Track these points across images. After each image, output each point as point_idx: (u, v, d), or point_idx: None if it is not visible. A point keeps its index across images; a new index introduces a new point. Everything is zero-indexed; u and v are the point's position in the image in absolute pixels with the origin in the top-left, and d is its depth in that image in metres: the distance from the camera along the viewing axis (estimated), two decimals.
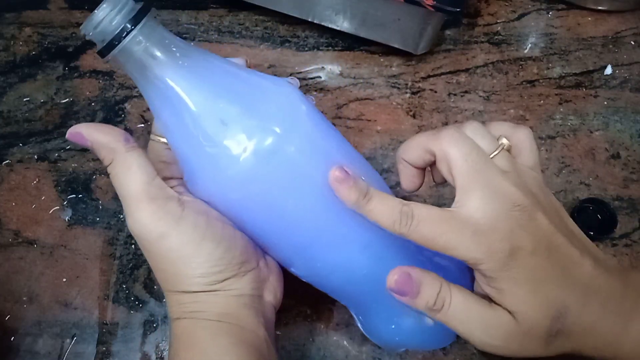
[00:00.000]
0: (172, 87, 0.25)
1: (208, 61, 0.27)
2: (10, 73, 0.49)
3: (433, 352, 0.37)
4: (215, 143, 0.25)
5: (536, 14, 0.52)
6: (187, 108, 0.25)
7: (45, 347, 0.38)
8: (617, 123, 0.46)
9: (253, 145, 0.25)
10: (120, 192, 0.27)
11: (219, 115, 0.25)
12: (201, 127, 0.25)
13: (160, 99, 0.26)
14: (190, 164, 0.27)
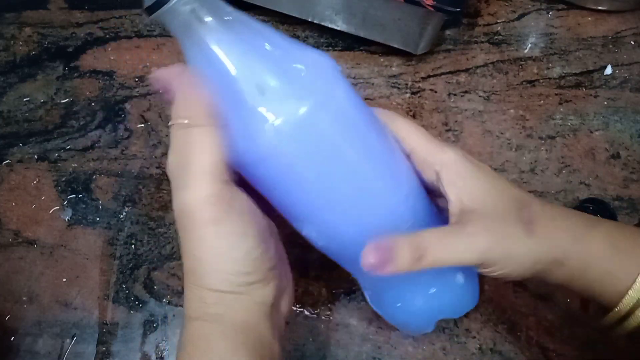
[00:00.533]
0: (215, 51, 0.25)
1: (251, 27, 0.27)
2: (10, 73, 0.49)
3: (433, 351, 0.37)
4: (252, 108, 0.25)
5: (536, 14, 0.52)
6: (227, 73, 0.25)
7: (45, 347, 0.38)
8: (617, 123, 0.46)
9: (287, 112, 0.25)
10: (184, 162, 0.26)
11: (256, 81, 0.25)
12: (238, 92, 0.25)
13: (202, 61, 0.26)
14: (228, 129, 0.26)
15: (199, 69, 0.26)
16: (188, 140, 0.26)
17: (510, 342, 0.38)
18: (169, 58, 0.49)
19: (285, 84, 0.25)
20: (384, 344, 0.38)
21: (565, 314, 0.39)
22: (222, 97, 0.26)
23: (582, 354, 0.37)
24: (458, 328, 0.38)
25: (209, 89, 0.26)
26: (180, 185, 0.26)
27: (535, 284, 0.39)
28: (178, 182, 0.26)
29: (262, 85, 0.25)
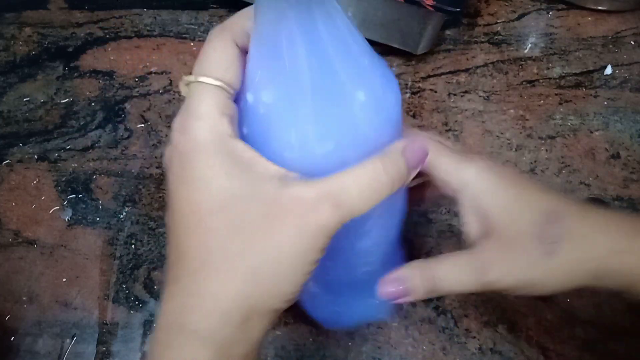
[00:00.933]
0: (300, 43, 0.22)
1: (345, 42, 0.23)
2: (10, 73, 0.49)
3: (433, 351, 0.37)
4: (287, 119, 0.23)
5: (536, 14, 0.52)
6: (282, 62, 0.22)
7: (45, 347, 0.38)
8: (617, 123, 0.46)
9: (306, 145, 0.23)
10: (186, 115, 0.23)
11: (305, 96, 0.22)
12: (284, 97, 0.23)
13: (283, 44, 0.22)
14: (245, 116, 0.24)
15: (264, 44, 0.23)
16: (198, 97, 0.23)
17: (510, 342, 0.38)
18: (169, 58, 0.49)
19: (321, 120, 0.23)
20: (384, 344, 0.38)
21: (565, 314, 0.39)
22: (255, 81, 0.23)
23: (582, 354, 0.37)
24: (458, 328, 0.38)
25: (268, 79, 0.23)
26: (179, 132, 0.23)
27: None
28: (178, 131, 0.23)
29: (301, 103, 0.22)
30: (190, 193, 0.22)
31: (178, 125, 0.22)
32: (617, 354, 0.37)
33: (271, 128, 0.23)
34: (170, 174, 0.23)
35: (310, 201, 0.21)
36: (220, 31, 0.23)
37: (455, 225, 0.42)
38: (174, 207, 0.22)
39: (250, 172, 0.22)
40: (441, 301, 0.39)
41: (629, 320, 0.38)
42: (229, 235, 0.21)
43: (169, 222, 0.23)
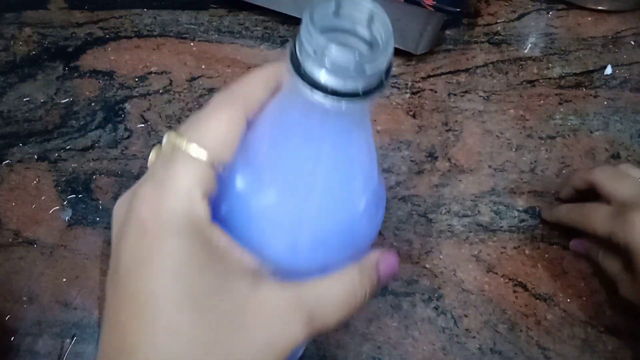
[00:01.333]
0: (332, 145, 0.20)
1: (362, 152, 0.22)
2: (10, 73, 0.49)
3: (433, 351, 0.37)
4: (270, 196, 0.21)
5: (536, 14, 0.52)
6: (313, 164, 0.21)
7: (45, 347, 0.38)
8: (617, 123, 0.46)
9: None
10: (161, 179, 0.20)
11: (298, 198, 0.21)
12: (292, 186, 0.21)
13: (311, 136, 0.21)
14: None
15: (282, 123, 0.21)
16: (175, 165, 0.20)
17: (510, 342, 0.38)
18: (169, 58, 0.50)
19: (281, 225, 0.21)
20: (384, 344, 0.38)
21: (565, 314, 0.39)
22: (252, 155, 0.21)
23: (582, 354, 0.37)
24: (458, 328, 0.38)
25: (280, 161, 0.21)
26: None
27: (536, 284, 0.39)
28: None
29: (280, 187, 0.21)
30: (150, 281, 0.18)
31: (148, 193, 0.19)
32: (617, 354, 0.37)
33: (258, 223, 0.21)
34: (122, 247, 0.19)
35: (282, 311, 0.19)
36: (233, 100, 0.21)
37: (456, 225, 0.42)
38: (122, 292, 0.19)
39: (223, 264, 0.19)
40: (441, 301, 0.39)
41: (629, 320, 0.38)
42: (193, 338, 0.18)
43: (111, 306, 0.20)
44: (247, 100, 0.21)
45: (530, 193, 0.43)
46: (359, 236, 0.24)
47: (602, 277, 0.39)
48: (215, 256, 0.19)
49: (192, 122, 0.20)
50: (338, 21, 0.18)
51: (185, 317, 0.18)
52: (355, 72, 0.17)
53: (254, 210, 0.21)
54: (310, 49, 0.17)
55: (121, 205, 0.21)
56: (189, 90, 0.48)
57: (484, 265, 0.40)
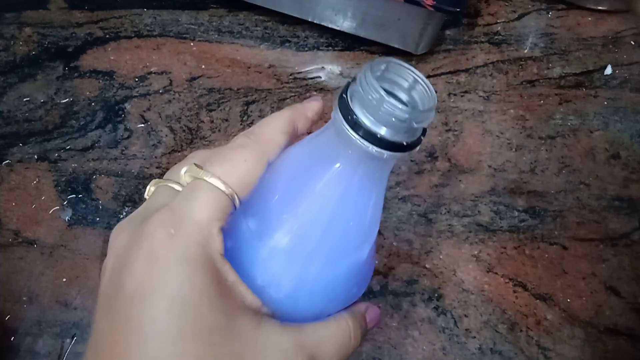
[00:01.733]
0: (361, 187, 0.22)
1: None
2: (10, 73, 0.49)
3: (433, 351, 0.37)
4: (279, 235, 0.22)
5: (536, 14, 0.52)
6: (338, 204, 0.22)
7: (45, 347, 0.38)
8: (617, 123, 0.46)
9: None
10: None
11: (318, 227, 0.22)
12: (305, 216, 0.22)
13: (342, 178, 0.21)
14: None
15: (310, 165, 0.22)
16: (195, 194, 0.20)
17: (510, 342, 0.38)
18: (169, 58, 0.49)
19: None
20: (384, 344, 0.38)
21: (565, 314, 0.39)
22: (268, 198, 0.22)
23: (582, 354, 0.37)
24: (458, 328, 0.38)
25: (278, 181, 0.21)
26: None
27: (536, 284, 0.39)
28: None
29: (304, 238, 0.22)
30: (157, 310, 0.18)
31: (164, 221, 0.19)
32: (617, 354, 0.37)
33: (263, 264, 0.22)
34: (126, 272, 0.19)
35: (285, 352, 0.20)
36: (257, 143, 0.21)
37: (456, 225, 0.42)
38: (123, 319, 0.19)
39: (229, 300, 0.19)
40: (441, 301, 0.39)
41: (629, 320, 0.38)
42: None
43: (106, 330, 0.19)
44: (269, 144, 0.22)
45: (530, 193, 0.43)
46: (357, 285, 0.24)
47: (602, 277, 0.39)
48: (223, 292, 0.19)
49: (215, 158, 0.21)
50: (381, 82, 0.19)
51: (191, 351, 0.18)
52: (404, 127, 0.19)
53: (261, 251, 0.22)
54: (366, 98, 0.18)
55: (122, 230, 0.21)
56: (189, 90, 0.48)
57: (484, 265, 0.40)
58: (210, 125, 0.46)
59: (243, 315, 0.20)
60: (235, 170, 0.20)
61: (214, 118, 0.46)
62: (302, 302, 0.23)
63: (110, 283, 0.20)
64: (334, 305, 0.24)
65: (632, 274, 0.40)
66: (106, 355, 0.19)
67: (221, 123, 0.46)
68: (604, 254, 0.41)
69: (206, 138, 0.45)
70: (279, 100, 0.47)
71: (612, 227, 0.42)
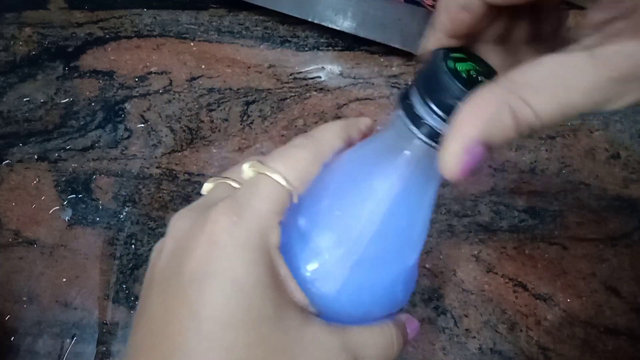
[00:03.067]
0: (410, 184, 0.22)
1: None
2: (10, 73, 0.49)
3: (433, 351, 0.37)
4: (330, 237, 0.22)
5: None
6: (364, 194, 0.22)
7: (45, 347, 0.38)
8: (617, 123, 0.46)
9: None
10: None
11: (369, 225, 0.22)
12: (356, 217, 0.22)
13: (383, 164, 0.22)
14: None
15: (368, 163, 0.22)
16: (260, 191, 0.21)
17: (510, 342, 0.38)
18: (169, 58, 0.49)
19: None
20: None
21: (565, 314, 0.39)
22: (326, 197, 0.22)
23: (582, 354, 0.37)
24: (458, 328, 0.38)
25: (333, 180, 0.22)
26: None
27: (536, 284, 0.39)
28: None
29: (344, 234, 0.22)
30: (214, 294, 0.19)
31: (228, 210, 0.20)
32: (617, 354, 0.37)
33: (313, 261, 0.22)
34: (187, 254, 0.20)
35: (331, 351, 0.20)
36: (314, 145, 0.23)
37: (456, 225, 0.42)
38: (180, 298, 0.19)
39: (280, 292, 0.20)
40: (441, 301, 0.39)
41: (629, 320, 0.38)
42: (247, 357, 0.18)
43: (161, 308, 0.19)
44: (326, 146, 0.23)
45: (530, 193, 0.43)
46: (402, 291, 0.24)
47: (602, 277, 0.39)
48: (275, 284, 0.20)
49: (276, 155, 0.22)
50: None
51: (242, 337, 0.18)
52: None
53: (310, 249, 0.22)
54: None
55: (182, 216, 0.22)
56: (189, 90, 0.48)
57: (484, 265, 0.40)
58: (210, 125, 0.46)
59: (291, 310, 0.20)
60: (294, 167, 0.22)
61: (214, 118, 0.46)
62: (347, 304, 0.23)
63: (169, 265, 0.20)
64: (379, 310, 0.24)
65: (632, 274, 0.40)
66: (159, 333, 0.19)
67: (221, 123, 0.46)
68: (604, 254, 0.41)
69: (206, 138, 0.45)
70: (279, 100, 0.47)
71: (612, 227, 0.42)
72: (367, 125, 0.25)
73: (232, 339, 0.18)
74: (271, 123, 0.46)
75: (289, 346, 0.19)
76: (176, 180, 0.44)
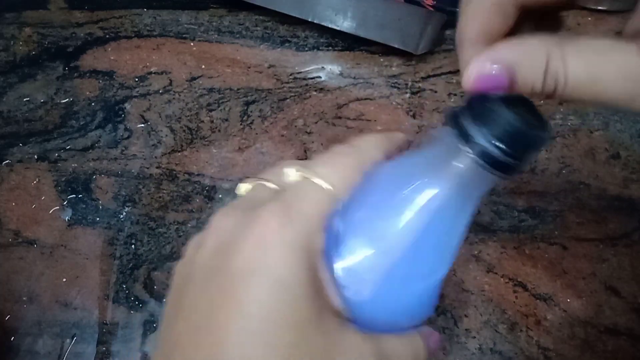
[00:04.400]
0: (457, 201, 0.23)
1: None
2: (10, 73, 0.49)
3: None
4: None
5: None
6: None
7: (45, 347, 0.38)
8: (617, 123, 0.46)
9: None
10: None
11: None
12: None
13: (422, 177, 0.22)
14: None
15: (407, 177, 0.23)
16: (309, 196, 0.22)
17: (510, 342, 0.38)
18: (169, 58, 0.49)
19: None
20: None
21: (565, 314, 0.39)
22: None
23: (582, 354, 0.37)
24: (458, 328, 0.38)
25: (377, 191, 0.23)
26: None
27: (536, 284, 0.39)
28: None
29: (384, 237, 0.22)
30: (260, 292, 0.19)
31: (276, 211, 0.20)
32: (617, 354, 0.37)
33: (350, 267, 0.22)
34: (233, 251, 0.20)
35: (365, 357, 0.21)
36: (357, 154, 0.23)
37: None
38: (225, 293, 0.19)
39: (321, 296, 0.20)
40: (441, 301, 0.39)
41: (629, 320, 0.38)
42: (286, 358, 0.19)
43: (204, 302, 0.20)
44: (368, 155, 0.23)
45: (530, 193, 0.43)
46: (429, 304, 0.25)
47: (602, 277, 0.39)
48: (317, 288, 0.20)
49: (320, 163, 0.23)
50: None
51: (286, 337, 0.19)
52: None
53: (346, 255, 0.22)
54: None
55: (227, 214, 0.22)
56: (189, 90, 0.48)
57: (484, 265, 0.40)
58: (210, 125, 0.46)
59: (330, 315, 0.20)
60: (339, 174, 0.22)
61: (214, 118, 0.46)
62: (379, 311, 0.23)
63: (212, 261, 0.21)
64: (407, 320, 0.24)
65: (632, 274, 0.40)
66: (202, 328, 0.19)
67: (221, 123, 0.46)
68: (604, 254, 0.41)
69: (206, 138, 0.46)
70: (279, 100, 0.47)
71: (612, 227, 0.42)
72: (404, 140, 0.26)
73: (276, 337, 0.18)
74: (271, 123, 0.46)
75: (328, 349, 0.20)
76: (176, 180, 0.44)
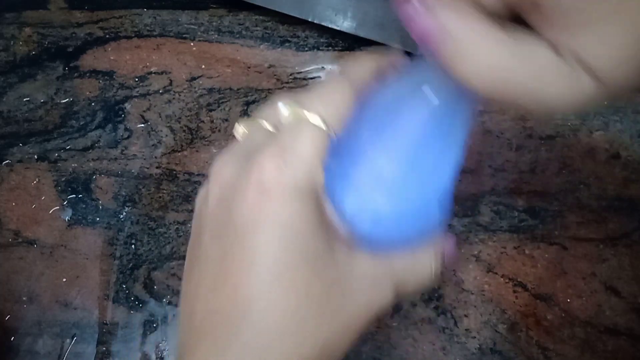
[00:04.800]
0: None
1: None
2: (10, 73, 0.49)
3: (433, 351, 0.37)
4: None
5: None
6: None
7: (45, 347, 0.38)
8: (617, 123, 0.46)
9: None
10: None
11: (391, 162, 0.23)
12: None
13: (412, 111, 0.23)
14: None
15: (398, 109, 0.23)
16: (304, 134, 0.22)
17: (510, 342, 0.38)
18: (169, 58, 0.49)
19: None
20: (384, 343, 0.38)
21: (565, 314, 0.39)
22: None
23: (582, 354, 0.37)
24: (458, 328, 0.38)
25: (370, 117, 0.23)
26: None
27: (536, 284, 0.39)
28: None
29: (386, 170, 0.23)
30: (270, 238, 0.20)
31: (273, 156, 0.21)
32: (617, 354, 0.37)
33: (351, 193, 0.22)
34: (236, 203, 0.20)
35: (377, 279, 0.22)
36: (347, 81, 0.23)
37: (456, 226, 0.42)
38: (236, 245, 0.20)
39: (328, 229, 0.21)
40: (441, 301, 0.39)
41: (629, 320, 0.38)
42: (307, 294, 0.20)
43: (217, 256, 0.20)
44: (358, 83, 0.23)
45: (530, 193, 0.43)
46: (437, 214, 0.25)
47: (602, 277, 0.39)
48: (323, 222, 0.21)
49: (313, 98, 0.23)
50: None
51: (300, 274, 0.19)
52: None
53: (347, 183, 0.23)
54: None
55: (226, 162, 0.22)
56: (189, 90, 0.48)
57: (484, 265, 0.40)
58: (210, 125, 0.46)
59: (339, 244, 0.21)
60: (332, 108, 0.22)
61: (214, 118, 0.46)
62: (387, 232, 0.23)
63: (218, 212, 0.21)
64: (417, 234, 0.25)
65: (632, 274, 0.40)
66: (217, 280, 0.20)
67: (221, 123, 0.46)
68: (604, 254, 0.41)
69: (206, 138, 0.46)
70: None
71: (612, 227, 0.42)
72: (402, 62, 0.26)
73: (291, 276, 0.19)
74: None
75: (340, 279, 0.21)
76: (176, 180, 0.44)
